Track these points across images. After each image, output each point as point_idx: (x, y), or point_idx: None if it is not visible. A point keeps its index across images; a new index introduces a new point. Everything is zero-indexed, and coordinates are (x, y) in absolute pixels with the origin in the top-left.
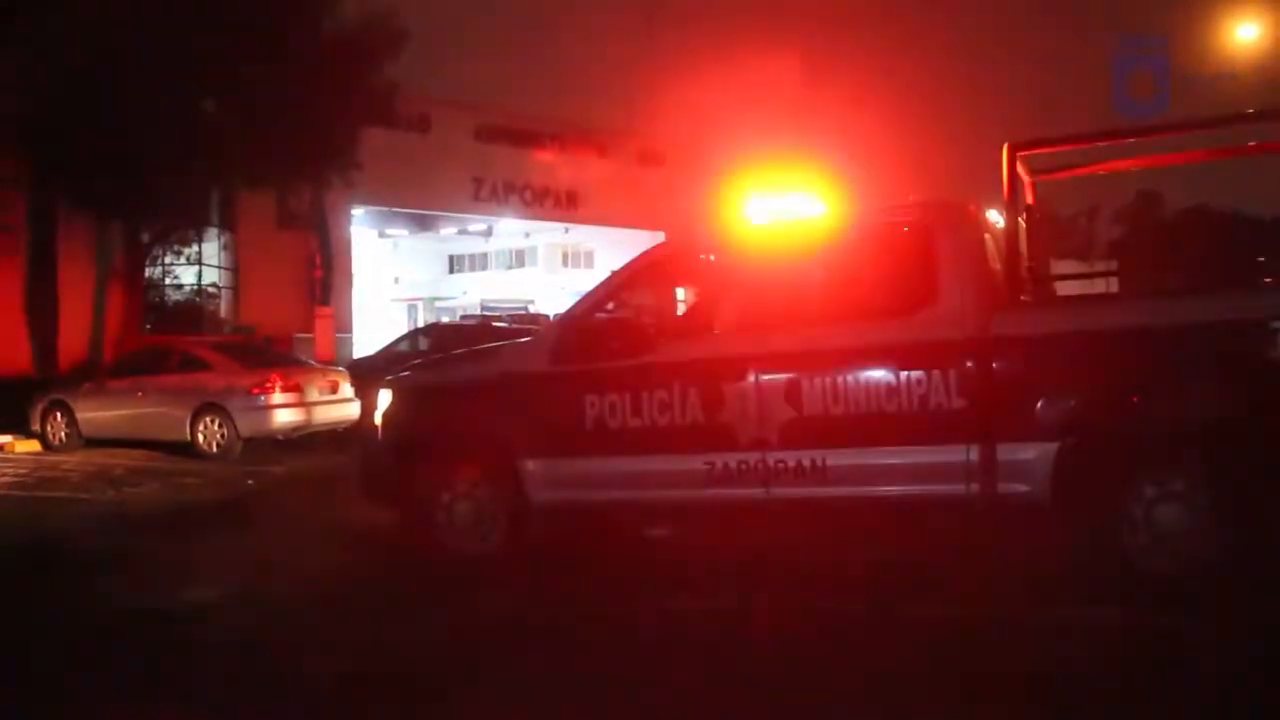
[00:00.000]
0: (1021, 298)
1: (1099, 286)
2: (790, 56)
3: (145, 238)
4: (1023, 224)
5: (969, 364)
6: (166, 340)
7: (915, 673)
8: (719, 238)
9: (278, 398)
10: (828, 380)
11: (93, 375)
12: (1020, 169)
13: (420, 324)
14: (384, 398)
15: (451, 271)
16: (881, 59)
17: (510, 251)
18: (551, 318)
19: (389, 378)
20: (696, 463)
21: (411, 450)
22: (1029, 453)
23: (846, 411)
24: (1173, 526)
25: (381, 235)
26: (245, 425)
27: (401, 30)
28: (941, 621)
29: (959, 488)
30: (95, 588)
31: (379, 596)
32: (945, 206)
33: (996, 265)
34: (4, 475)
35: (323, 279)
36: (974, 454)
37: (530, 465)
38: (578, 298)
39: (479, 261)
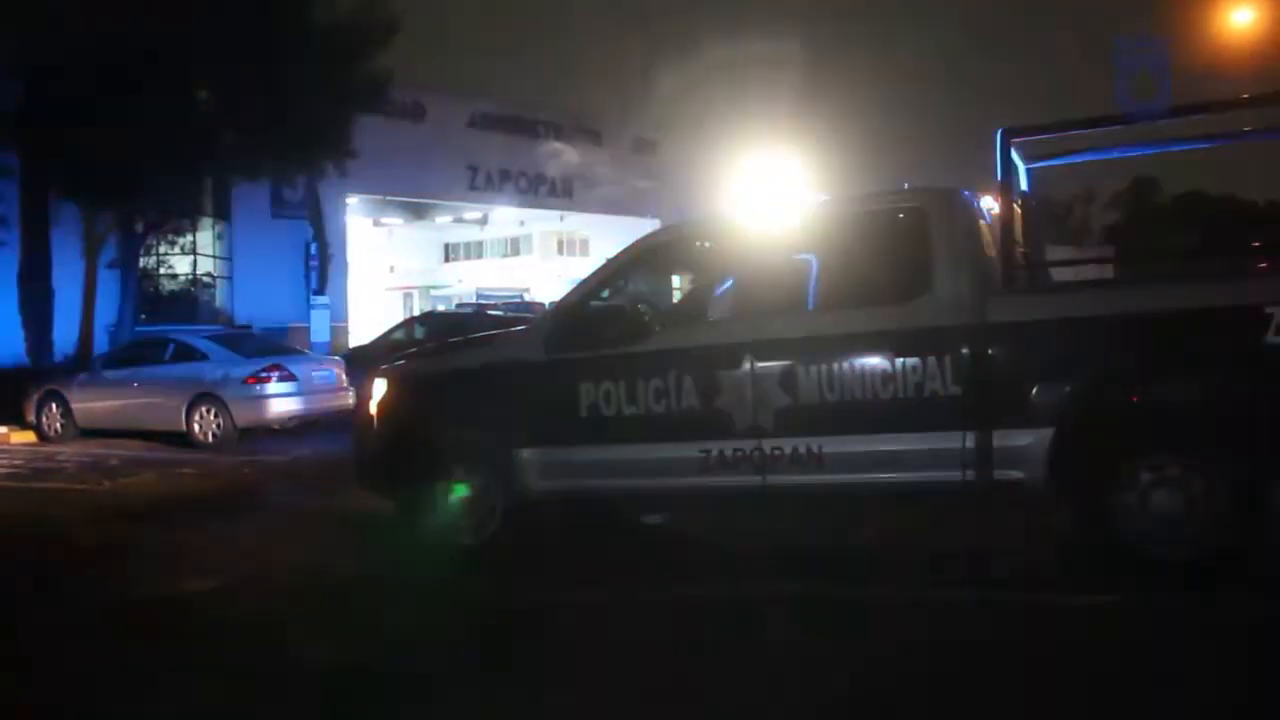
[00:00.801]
0: (1017, 284)
1: (1094, 272)
2: (788, 44)
3: (140, 227)
4: (1018, 210)
5: (965, 350)
6: (161, 330)
7: (913, 657)
8: (714, 225)
9: (273, 387)
10: (823, 368)
11: (88, 365)
12: (1015, 155)
13: (416, 312)
14: (379, 387)
15: (447, 260)
16: (879, 47)
17: (505, 240)
18: (547, 305)
19: (384, 367)
20: (692, 450)
21: (407, 439)
22: (1025, 439)
23: (842, 399)
24: (1168, 511)
25: (376, 224)
26: (241, 415)
27: (394, 18)
28: (938, 607)
29: (955, 474)
30: (92, 578)
31: (376, 586)
32: (940, 193)
33: (992, 252)
34: None
35: (318, 268)
36: (970, 440)
37: (526, 454)
38: (573, 285)
39: (474, 249)
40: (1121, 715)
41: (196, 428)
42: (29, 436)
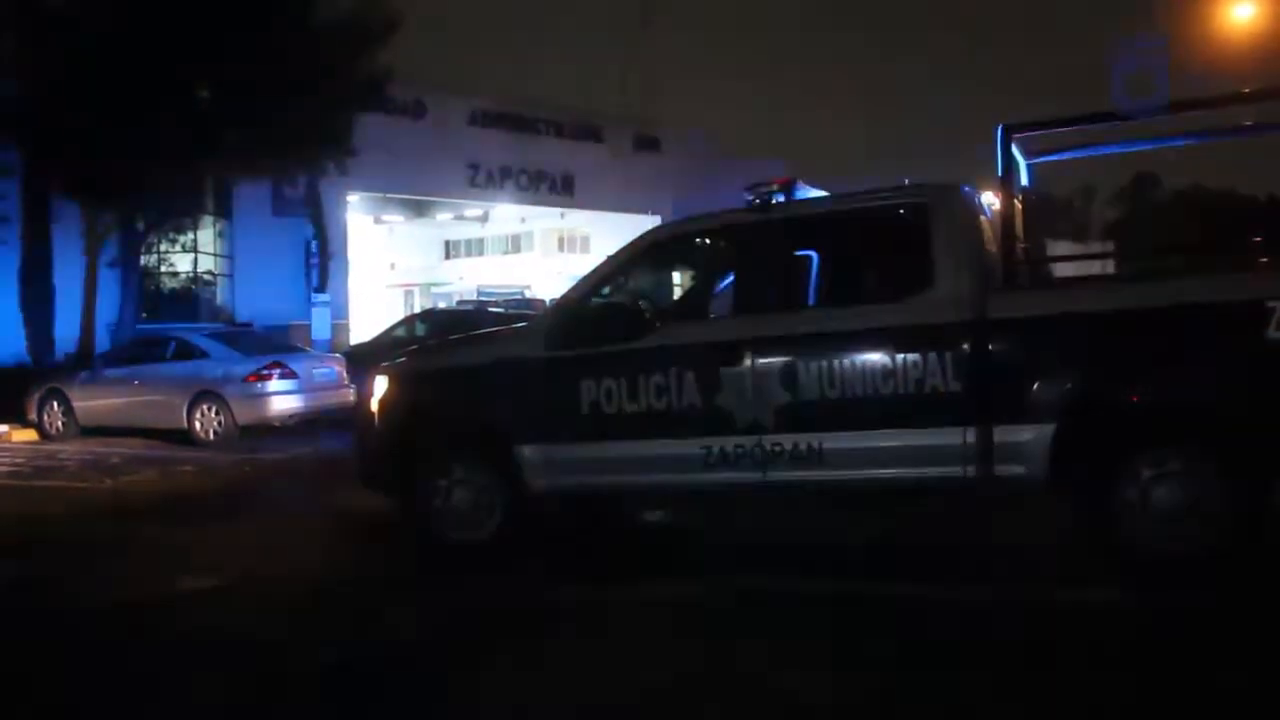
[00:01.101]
0: (1017, 280)
1: (1095, 268)
2: (788, 40)
3: (141, 226)
4: (1018, 206)
5: (965, 347)
6: (163, 328)
7: (914, 655)
8: (715, 221)
9: (274, 385)
10: (824, 364)
11: (89, 364)
12: (1015, 150)
13: (416, 310)
14: (380, 384)
15: (448, 257)
16: (879, 42)
17: (506, 237)
18: (548, 303)
19: (385, 364)
20: (693, 447)
21: (408, 437)
22: (1026, 434)
23: (843, 395)
24: (1170, 507)
25: (377, 221)
26: (242, 413)
27: (395, 15)
28: (938, 604)
29: (956, 470)
30: (92, 577)
31: (377, 584)
32: (941, 189)
33: (993, 248)
34: (1, 465)
35: (319, 266)
36: (971, 436)
37: (527, 451)
38: (574, 282)
39: (475, 247)
40: (1122, 713)
41: (198, 426)
42: (30, 435)
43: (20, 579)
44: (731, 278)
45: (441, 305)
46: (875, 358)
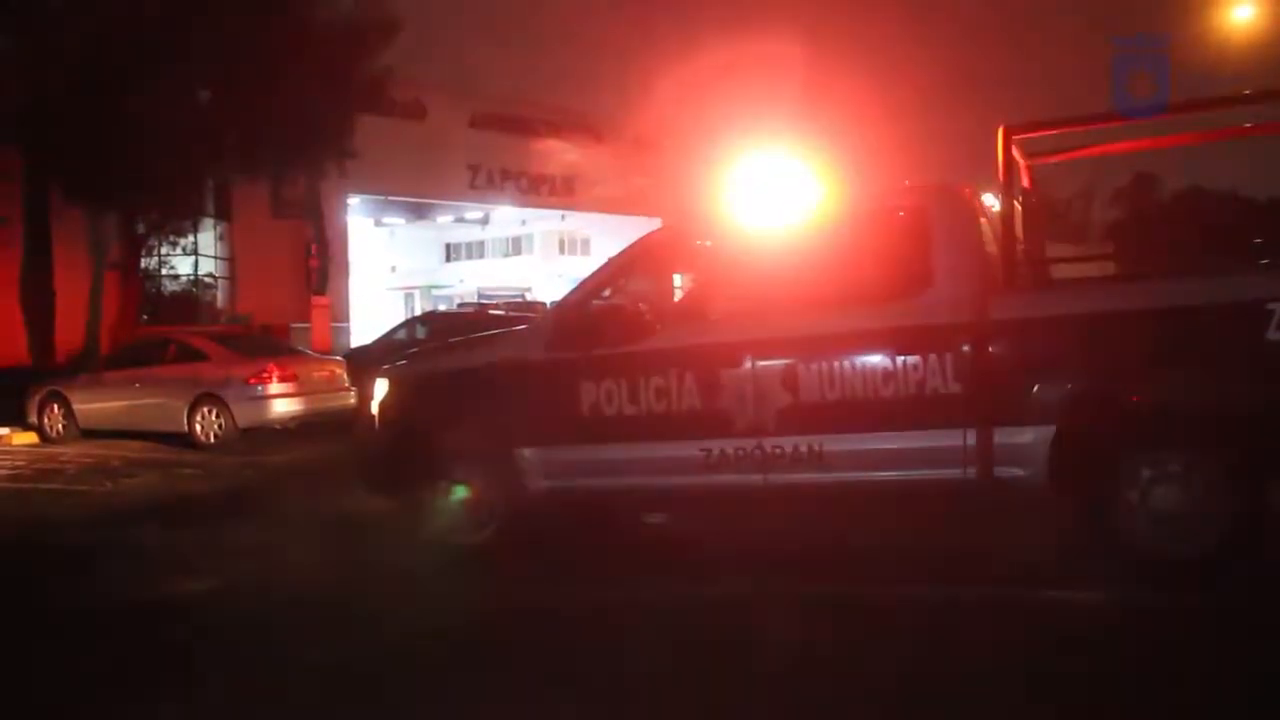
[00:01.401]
0: (1017, 281)
1: (1095, 269)
2: (788, 41)
3: (141, 228)
4: (1019, 207)
5: (965, 348)
6: (163, 331)
7: (915, 657)
8: (715, 223)
9: (275, 387)
10: (824, 366)
11: (89, 366)
12: (1015, 152)
13: (417, 312)
14: (381, 387)
15: (448, 259)
16: (879, 42)
17: (507, 239)
18: (549, 305)
19: (386, 367)
20: (693, 449)
21: (408, 439)
22: (1026, 436)
23: (843, 397)
24: (1169, 509)
25: (378, 224)
26: (243, 415)
27: (394, 17)
28: (939, 606)
29: (956, 472)
30: (94, 579)
31: (378, 585)
32: (941, 190)
33: (992, 249)
34: (1, 467)
35: (319, 268)
36: (971, 438)
37: (527, 453)
38: (574, 285)
39: (475, 249)
40: (1122, 714)
41: (198, 428)
42: (31, 438)
43: (20, 581)
44: (731, 278)
45: (442, 308)
46: (875, 359)
